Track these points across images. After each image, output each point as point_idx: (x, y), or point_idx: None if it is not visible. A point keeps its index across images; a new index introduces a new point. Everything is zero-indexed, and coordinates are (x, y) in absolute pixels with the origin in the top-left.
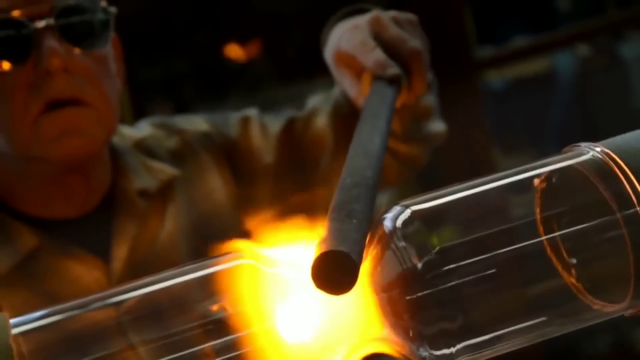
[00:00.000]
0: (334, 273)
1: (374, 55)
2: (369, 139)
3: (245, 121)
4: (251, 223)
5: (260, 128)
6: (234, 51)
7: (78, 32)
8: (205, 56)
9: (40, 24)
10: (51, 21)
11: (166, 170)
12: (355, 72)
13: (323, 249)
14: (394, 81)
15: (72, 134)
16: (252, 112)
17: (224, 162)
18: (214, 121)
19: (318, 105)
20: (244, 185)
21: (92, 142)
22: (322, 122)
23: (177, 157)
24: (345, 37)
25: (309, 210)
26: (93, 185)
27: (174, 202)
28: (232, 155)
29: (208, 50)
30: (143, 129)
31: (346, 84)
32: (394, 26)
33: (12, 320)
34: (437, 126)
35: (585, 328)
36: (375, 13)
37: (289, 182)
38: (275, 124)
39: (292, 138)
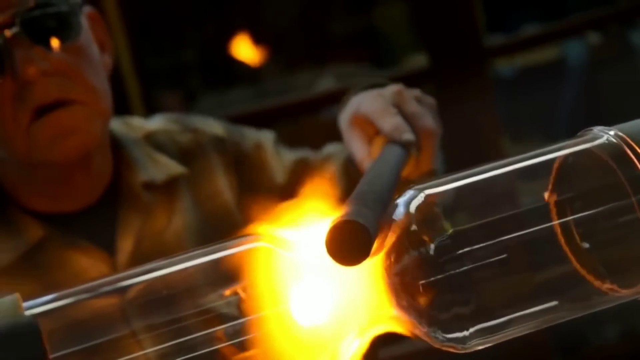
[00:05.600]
0: (348, 243)
1: (394, 120)
2: (382, 173)
3: (261, 139)
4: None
5: (275, 150)
6: (241, 42)
7: (47, 31)
8: (213, 46)
9: (7, 33)
10: (17, 28)
11: (173, 166)
12: (367, 136)
13: (338, 220)
14: (406, 147)
15: (67, 135)
16: (268, 134)
17: (232, 169)
18: (229, 129)
19: (333, 153)
20: (247, 195)
21: (88, 138)
22: (334, 168)
23: (186, 154)
24: (367, 102)
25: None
26: (94, 176)
27: (180, 199)
28: (241, 164)
29: (216, 41)
30: (156, 122)
31: (356, 146)
32: (415, 102)
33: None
34: None
35: (593, 317)
36: (399, 86)
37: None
38: (289, 154)
39: (306, 173)
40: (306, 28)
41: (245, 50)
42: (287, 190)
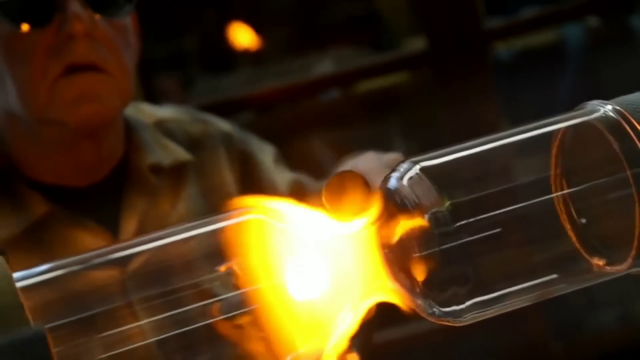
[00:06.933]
0: (346, 194)
1: None
2: None
3: (264, 146)
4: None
5: (276, 161)
6: (240, 26)
7: (104, 0)
8: (212, 31)
9: None
10: None
11: (180, 152)
12: None
13: (339, 171)
14: None
15: (89, 99)
16: (270, 147)
17: (237, 165)
18: (236, 129)
19: None
20: (249, 194)
21: (108, 109)
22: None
23: (196, 143)
24: (364, 161)
25: None
26: (104, 154)
27: (186, 186)
28: (246, 163)
29: (215, 25)
30: (166, 111)
31: None
32: None
33: (15, 275)
34: None
35: (591, 302)
36: (398, 155)
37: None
38: (288, 173)
39: (300, 195)
40: (305, 12)
41: (244, 34)
42: None
